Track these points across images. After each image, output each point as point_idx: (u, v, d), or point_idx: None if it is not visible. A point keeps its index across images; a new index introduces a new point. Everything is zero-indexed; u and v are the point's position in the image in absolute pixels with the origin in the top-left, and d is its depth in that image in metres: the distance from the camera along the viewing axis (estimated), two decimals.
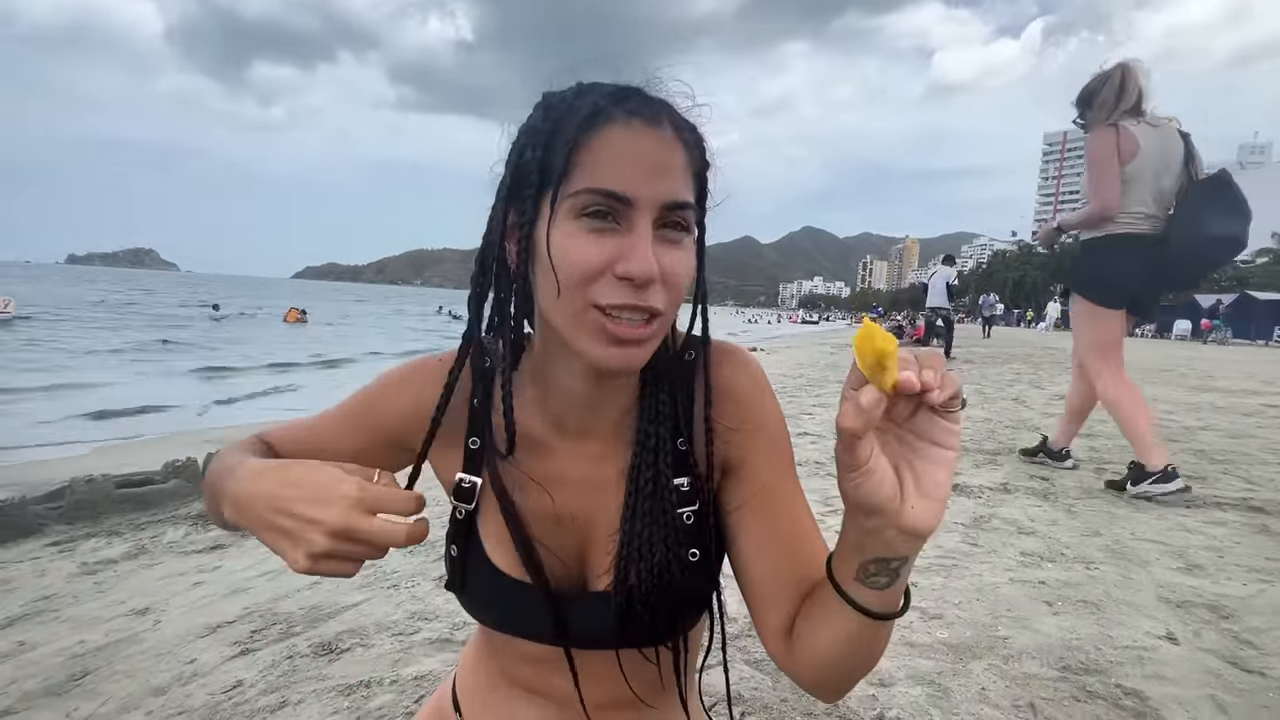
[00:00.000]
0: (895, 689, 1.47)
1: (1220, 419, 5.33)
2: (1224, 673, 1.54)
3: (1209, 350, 19.59)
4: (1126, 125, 2.77)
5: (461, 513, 0.65)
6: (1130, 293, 2.91)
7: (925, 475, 0.44)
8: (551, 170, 0.52)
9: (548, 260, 0.52)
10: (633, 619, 0.61)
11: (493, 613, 0.66)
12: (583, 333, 0.53)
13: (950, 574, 2.11)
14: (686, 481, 0.62)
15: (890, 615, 0.51)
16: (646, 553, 0.60)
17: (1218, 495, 3.03)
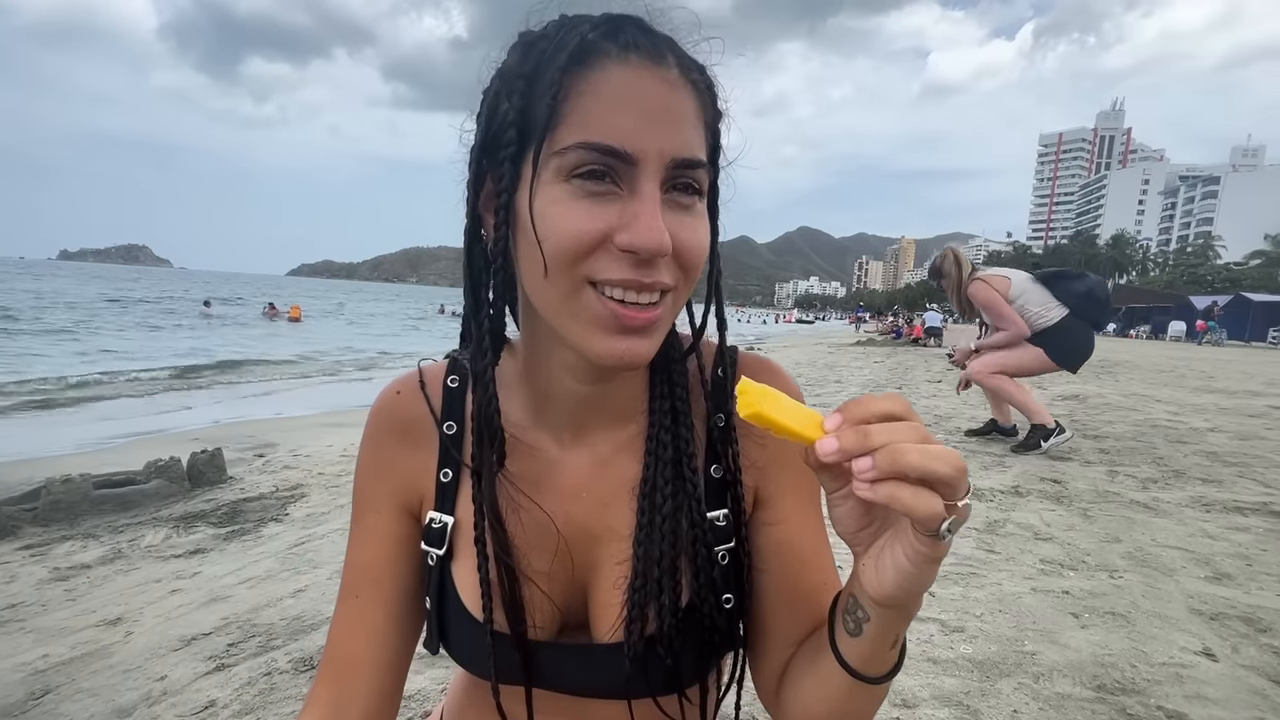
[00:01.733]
0: (920, 710, 1.36)
1: (1227, 420, 5.25)
2: (1270, 693, 1.44)
3: (1204, 351, 19.61)
4: (986, 275, 3.88)
5: (432, 559, 0.55)
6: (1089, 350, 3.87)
7: (887, 552, 0.39)
8: (533, 124, 0.43)
9: (532, 235, 0.43)
10: (649, 671, 0.51)
11: (481, 668, 0.56)
12: (577, 320, 0.44)
13: (969, 583, 2.01)
14: (724, 514, 0.53)
15: (861, 675, 0.45)
16: (669, 586, 0.50)
17: (1237, 499, 2.94)
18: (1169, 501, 2.90)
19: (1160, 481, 3.25)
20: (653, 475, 0.52)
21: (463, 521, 0.54)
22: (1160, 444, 4.18)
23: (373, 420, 0.58)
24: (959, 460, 0.34)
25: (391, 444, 0.57)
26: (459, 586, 0.54)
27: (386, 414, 0.58)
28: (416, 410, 0.57)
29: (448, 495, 0.55)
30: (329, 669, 0.57)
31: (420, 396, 0.57)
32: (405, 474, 0.57)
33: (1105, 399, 6.31)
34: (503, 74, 0.46)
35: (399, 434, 0.57)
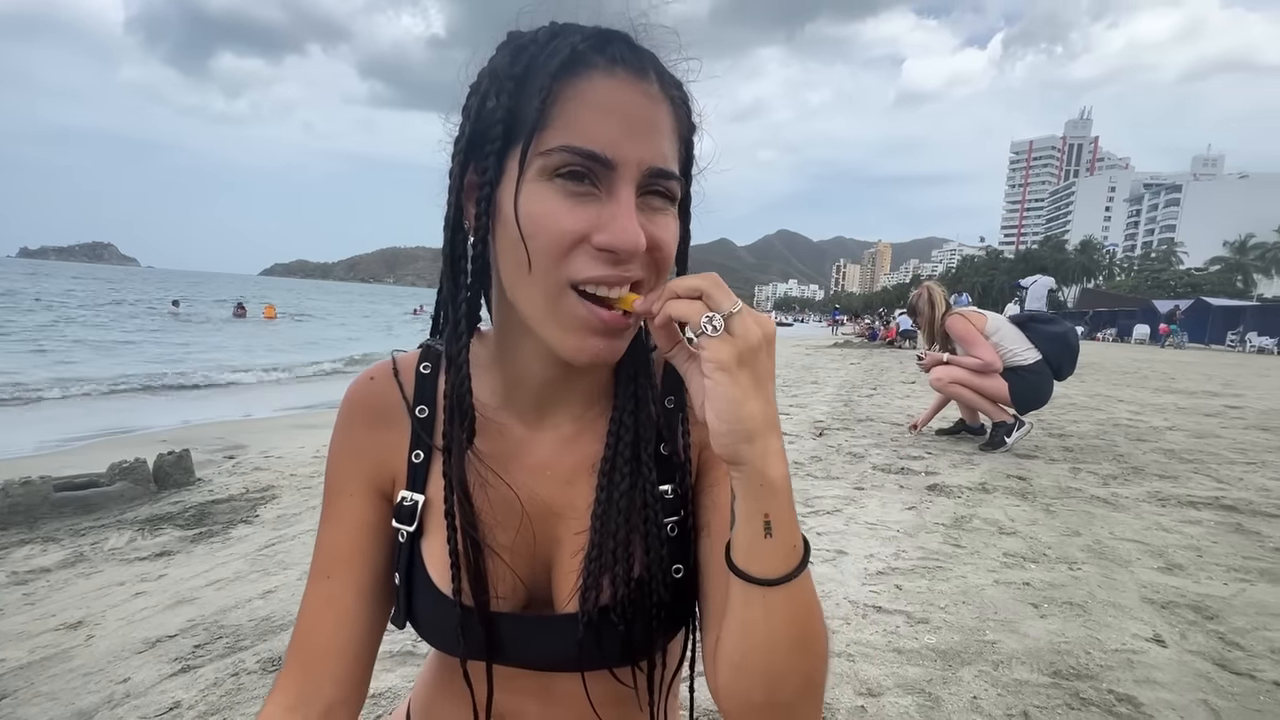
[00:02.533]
0: (885, 699, 1.40)
1: (1185, 419, 5.44)
2: (1214, 676, 1.51)
3: (1167, 354, 20.26)
4: (965, 312, 4.07)
5: (403, 536, 0.57)
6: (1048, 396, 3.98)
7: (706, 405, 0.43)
8: (521, 123, 0.45)
9: (515, 229, 0.45)
10: (602, 640, 0.53)
11: (446, 642, 0.58)
12: (557, 321, 0.47)
13: (934, 576, 2.06)
14: (671, 488, 0.56)
15: (749, 576, 0.44)
16: (623, 557, 0.53)
17: (1190, 494, 3.06)
18: (1127, 497, 3.00)
19: (1120, 478, 3.36)
20: (613, 455, 0.55)
21: (433, 500, 0.56)
22: (1121, 442, 4.32)
23: (346, 406, 0.60)
24: (714, 276, 0.44)
25: (364, 428, 0.59)
26: (427, 562, 0.55)
27: (360, 400, 0.59)
28: (390, 395, 0.59)
29: (419, 475, 0.57)
30: (296, 654, 0.57)
31: (393, 382, 0.59)
32: (378, 457, 0.58)
33: (1071, 399, 6.49)
34: (493, 73, 0.48)
35: (372, 418, 0.59)
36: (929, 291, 4.19)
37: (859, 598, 1.89)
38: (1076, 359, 4.01)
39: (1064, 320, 4.15)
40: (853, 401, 6.27)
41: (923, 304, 4.17)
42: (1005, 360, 3.86)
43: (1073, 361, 3.98)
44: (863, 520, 2.62)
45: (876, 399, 6.50)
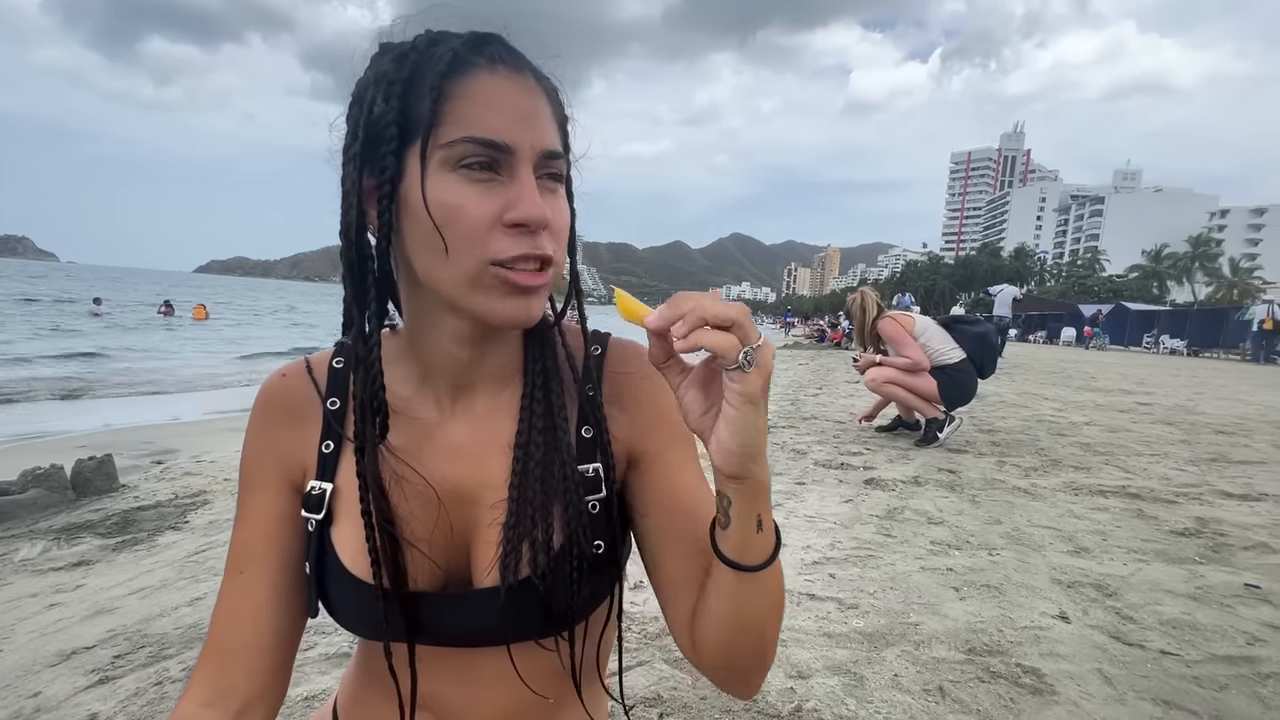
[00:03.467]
0: (813, 680, 1.46)
1: (1102, 416, 5.83)
2: (1109, 647, 1.64)
3: (1090, 355, 21.59)
4: (895, 315, 4.27)
5: (311, 524, 0.58)
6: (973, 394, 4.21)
7: (720, 425, 0.46)
8: (415, 122, 0.48)
9: (428, 220, 0.48)
10: (524, 610, 0.55)
11: (363, 625, 0.59)
12: (479, 291, 0.50)
13: (866, 565, 2.16)
14: (593, 468, 0.58)
15: (740, 565, 0.50)
16: (542, 524, 0.55)
17: (1101, 484, 3.29)
18: (1045, 487, 3.21)
19: (1040, 470, 3.58)
20: (527, 428, 0.57)
21: (342, 488, 0.57)
22: (1043, 437, 4.60)
23: (259, 402, 0.61)
24: (743, 307, 0.44)
25: (276, 423, 0.60)
26: (339, 548, 0.56)
27: (272, 396, 0.61)
28: (302, 390, 0.61)
29: (328, 465, 0.59)
30: (211, 650, 0.57)
31: (306, 378, 0.61)
32: (290, 451, 0.59)
33: (1001, 397, 6.86)
34: (377, 80, 0.51)
35: (284, 413, 0.60)
36: (863, 296, 4.39)
37: (794, 586, 1.96)
38: (997, 357, 4.31)
39: (985, 322, 4.43)
40: (799, 400, 6.45)
41: (856, 309, 4.37)
42: (933, 359, 4.08)
43: (994, 360, 4.25)
44: (802, 514, 2.71)
45: (821, 398, 6.70)
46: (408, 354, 0.59)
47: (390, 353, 0.59)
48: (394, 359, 0.59)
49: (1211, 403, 7.26)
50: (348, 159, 0.52)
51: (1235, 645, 1.67)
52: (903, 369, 4.10)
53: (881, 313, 4.30)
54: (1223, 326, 25.63)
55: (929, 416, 4.13)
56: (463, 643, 0.58)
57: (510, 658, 0.57)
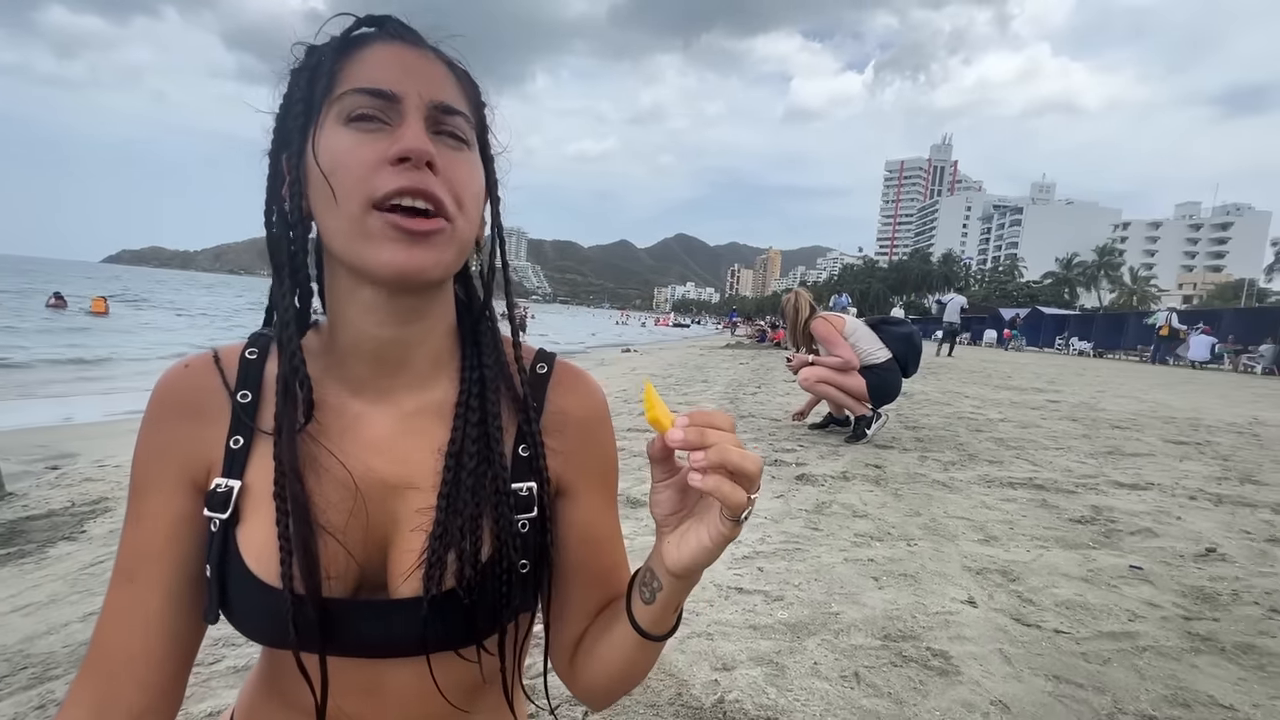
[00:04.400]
0: (737, 671, 1.50)
1: (1015, 412, 6.23)
2: (1010, 628, 1.76)
3: (1009, 355, 23.03)
4: (827, 315, 4.43)
5: (215, 524, 0.54)
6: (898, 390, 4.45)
7: (691, 533, 0.49)
8: (316, 97, 0.51)
9: (319, 174, 0.49)
10: (448, 620, 0.54)
11: (271, 634, 0.55)
12: (365, 239, 0.49)
13: (793, 558, 2.23)
14: (527, 487, 0.58)
15: (649, 635, 0.55)
16: (470, 535, 0.54)
17: (1011, 476, 3.51)
18: (961, 480, 3.40)
19: (958, 464, 3.79)
20: (460, 436, 0.56)
21: (251, 486, 0.54)
22: (963, 432, 4.87)
23: (157, 396, 0.56)
24: (761, 463, 0.47)
25: (178, 420, 0.56)
26: (244, 550, 0.53)
27: (174, 389, 0.56)
28: (207, 383, 0.57)
29: (236, 461, 0.55)
30: (93, 664, 0.53)
31: (212, 370, 0.57)
32: (193, 448, 0.55)
33: (927, 395, 7.22)
34: (294, 71, 0.53)
35: (187, 407, 0.56)
36: (796, 297, 4.55)
37: (724, 581, 2.00)
38: (920, 357, 4.53)
39: (910, 323, 4.68)
40: (738, 399, 6.58)
41: (790, 309, 4.53)
42: (861, 359, 4.27)
43: (917, 359, 4.48)
44: None
45: (760, 396, 6.86)
46: (329, 343, 0.57)
47: (313, 346, 0.57)
48: (317, 352, 0.57)
49: (1111, 400, 7.88)
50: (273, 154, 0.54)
51: (1119, 622, 1.82)
52: (834, 368, 4.27)
53: (814, 313, 4.47)
54: (1124, 330, 27.88)
55: (858, 414, 4.31)
56: (377, 653, 0.55)
57: (430, 668, 0.55)
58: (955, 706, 1.39)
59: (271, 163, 0.54)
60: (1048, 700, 1.43)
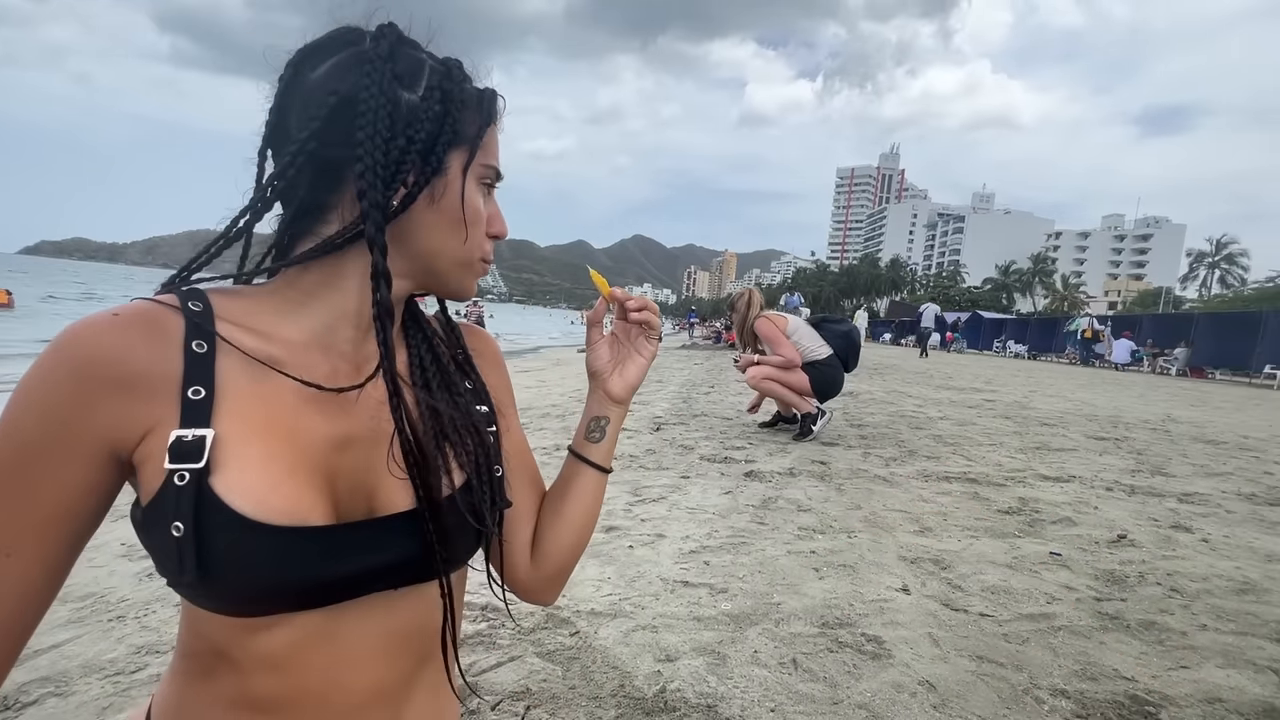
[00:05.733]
0: (680, 662, 1.53)
1: (954, 411, 6.51)
2: (939, 613, 1.85)
3: (951, 357, 24.05)
4: (769, 315, 4.63)
5: (182, 477, 0.50)
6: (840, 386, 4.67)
7: (627, 366, 0.75)
8: (460, 134, 0.59)
9: (459, 213, 0.60)
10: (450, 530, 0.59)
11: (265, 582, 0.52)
12: (469, 271, 0.64)
13: (738, 551, 2.28)
14: (482, 409, 0.69)
15: (605, 468, 0.75)
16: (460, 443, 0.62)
17: (946, 471, 3.68)
18: (901, 475, 3.54)
19: (899, 460, 3.95)
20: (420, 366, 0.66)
21: (226, 435, 0.52)
22: (904, 430, 5.07)
23: (78, 348, 0.50)
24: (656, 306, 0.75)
25: (104, 381, 0.50)
26: (230, 494, 0.50)
27: (99, 342, 0.50)
28: (147, 335, 0.52)
29: (199, 411, 0.52)
30: None
31: (151, 321, 0.52)
32: (122, 416, 0.50)
33: (872, 395, 7.47)
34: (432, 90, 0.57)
35: (117, 367, 0.50)
36: (750, 295, 4.67)
37: (670, 575, 2.04)
38: (859, 354, 4.74)
39: (849, 321, 4.87)
40: (691, 399, 6.66)
41: (741, 305, 4.66)
42: (804, 356, 4.43)
43: (856, 356, 4.68)
44: (684, 506, 2.81)
45: (713, 396, 6.96)
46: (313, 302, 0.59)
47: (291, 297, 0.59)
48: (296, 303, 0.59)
49: (1042, 399, 8.33)
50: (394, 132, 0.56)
51: (1037, 605, 1.94)
52: (778, 366, 4.39)
53: (761, 312, 4.59)
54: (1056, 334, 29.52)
55: (803, 411, 4.44)
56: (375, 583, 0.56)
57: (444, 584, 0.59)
58: (885, 688, 1.46)
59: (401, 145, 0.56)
60: (971, 679, 1.52)
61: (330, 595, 0.56)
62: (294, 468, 0.54)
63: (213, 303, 0.56)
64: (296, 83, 0.57)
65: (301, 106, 0.56)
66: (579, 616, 1.74)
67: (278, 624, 0.54)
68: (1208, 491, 3.54)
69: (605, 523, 2.52)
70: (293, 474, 0.54)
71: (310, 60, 0.57)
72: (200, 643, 0.57)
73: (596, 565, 2.09)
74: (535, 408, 5.80)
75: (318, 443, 0.57)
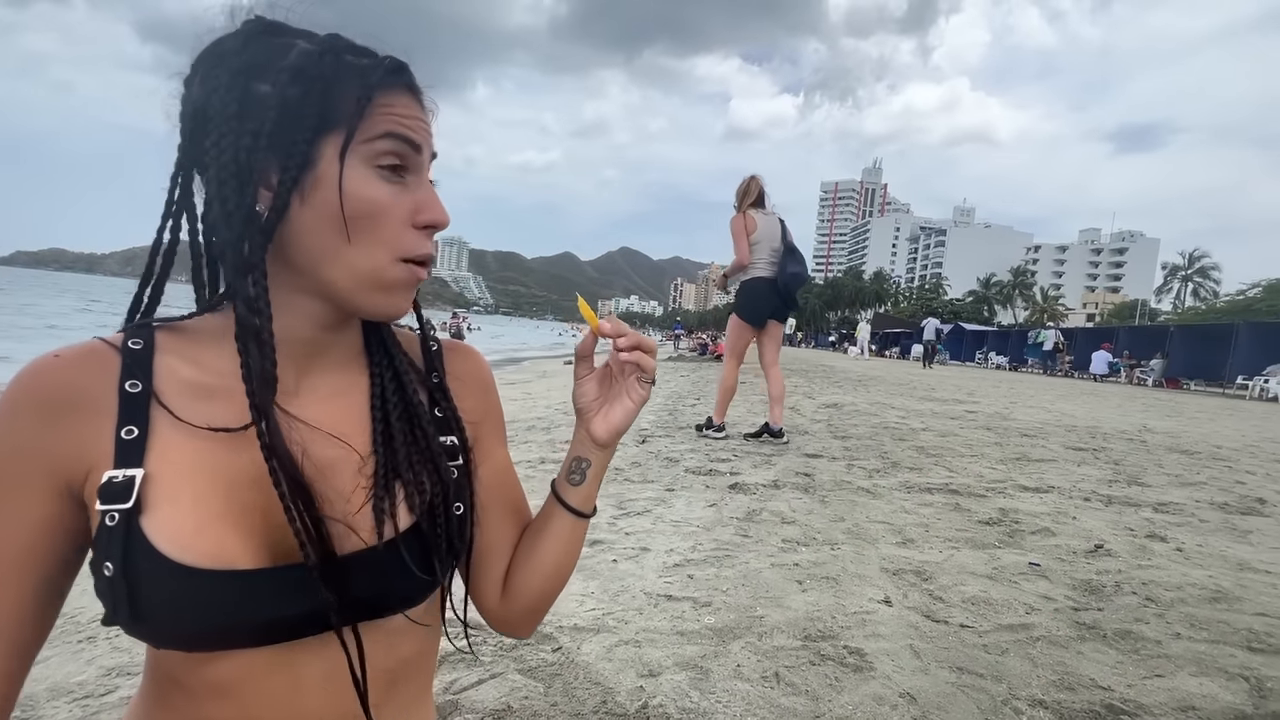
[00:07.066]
0: (662, 677, 1.52)
1: (936, 422, 6.58)
2: (920, 625, 1.86)
3: (934, 368, 24.31)
4: (751, 213, 4.66)
5: (112, 518, 0.51)
6: (766, 314, 4.74)
7: (613, 408, 0.66)
8: (334, 117, 0.51)
9: (337, 211, 0.51)
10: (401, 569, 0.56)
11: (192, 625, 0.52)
12: (384, 285, 0.54)
13: (722, 564, 2.28)
14: (450, 440, 0.64)
15: (583, 513, 0.68)
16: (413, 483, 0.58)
17: (929, 482, 3.72)
18: (884, 486, 3.57)
19: (882, 471, 3.98)
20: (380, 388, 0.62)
21: (156, 474, 0.52)
22: (887, 441, 5.11)
23: (23, 390, 0.52)
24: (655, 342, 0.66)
25: (49, 416, 0.52)
26: (162, 538, 0.50)
27: (42, 384, 0.52)
28: (86, 374, 0.53)
29: (132, 451, 0.52)
30: None
31: (91, 360, 0.54)
32: (68, 447, 0.52)
33: (856, 407, 7.53)
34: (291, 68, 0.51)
35: (59, 404, 0.52)
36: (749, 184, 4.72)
37: (654, 589, 2.03)
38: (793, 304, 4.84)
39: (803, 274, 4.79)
40: (677, 410, 6.67)
41: (740, 190, 4.76)
42: (751, 267, 4.63)
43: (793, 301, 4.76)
44: (669, 519, 2.81)
45: (699, 408, 6.97)
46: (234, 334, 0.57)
47: (221, 330, 0.56)
48: (225, 337, 0.55)
49: (1022, 410, 8.45)
50: (237, 129, 0.50)
51: (1016, 615, 1.96)
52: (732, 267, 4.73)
53: (747, 205, 4.68)
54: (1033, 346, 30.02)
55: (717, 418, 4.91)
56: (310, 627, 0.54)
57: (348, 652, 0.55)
58: (867, 700, 1.47)
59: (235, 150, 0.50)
60: (951, 690, 1.53)
61: (267, 637, 0.54)
62: (224, 508, 0.53)
63: (156, 338, 0.56)
64: (185, 100, 0.55)
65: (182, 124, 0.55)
66: (561, 632, 1.73)
67: (227, 655, 0.53)
68: (1182, 501, 3.61)
69: (590, 536, 2.51)
70: (222, 515, 0.52)
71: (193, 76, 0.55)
72: (158, 669, 0.58)
73: (580, 580, 2.08)
74: (521, 420, 5.78)
75: (249, 480, 0.54)
